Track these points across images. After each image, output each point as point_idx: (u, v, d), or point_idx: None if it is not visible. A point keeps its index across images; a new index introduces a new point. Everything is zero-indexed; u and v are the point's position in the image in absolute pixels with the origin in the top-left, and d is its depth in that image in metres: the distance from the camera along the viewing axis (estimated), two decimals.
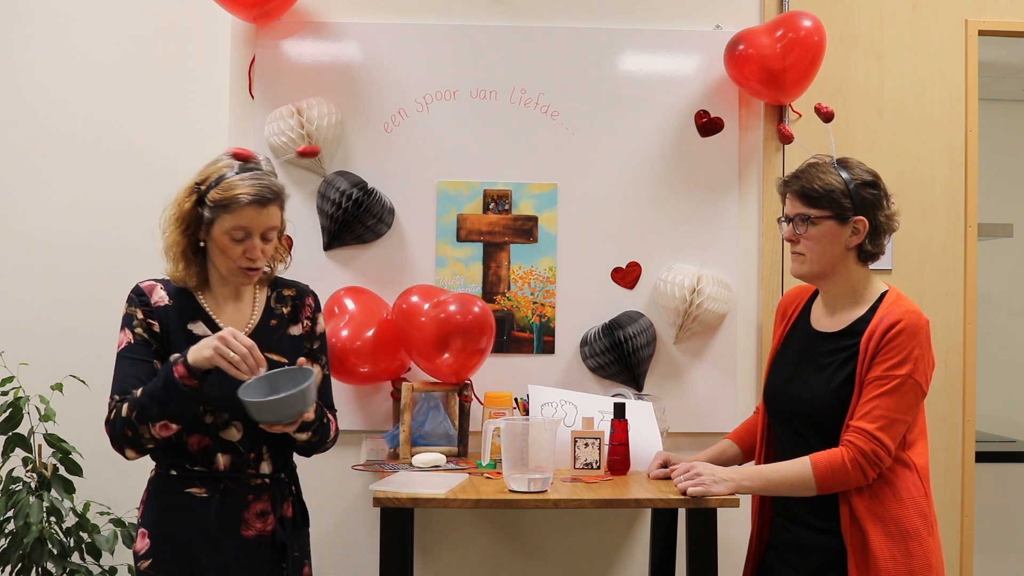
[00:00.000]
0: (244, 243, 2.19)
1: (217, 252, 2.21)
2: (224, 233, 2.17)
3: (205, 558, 2.18)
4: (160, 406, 2.08)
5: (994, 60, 4.16)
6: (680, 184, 3.20)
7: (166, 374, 2.08)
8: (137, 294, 2.24)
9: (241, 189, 2.16)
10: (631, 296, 3.19)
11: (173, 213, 2.21)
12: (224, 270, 2.23)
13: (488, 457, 2.71)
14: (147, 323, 2.20)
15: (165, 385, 2.07)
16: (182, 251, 2.22)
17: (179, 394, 2.07)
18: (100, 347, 3.15)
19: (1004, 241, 4.54)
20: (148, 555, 2.19)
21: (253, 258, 2.20)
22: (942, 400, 3.27)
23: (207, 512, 2.19)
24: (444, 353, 2.87)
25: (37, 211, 3.22)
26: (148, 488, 2.26)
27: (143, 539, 2.20)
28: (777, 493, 2.33)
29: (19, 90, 3.23)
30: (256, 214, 2.18)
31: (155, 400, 2.08)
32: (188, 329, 2.22)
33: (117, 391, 2.15)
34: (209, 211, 2.17)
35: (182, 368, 2.06)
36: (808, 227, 2.30)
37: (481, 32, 3.18)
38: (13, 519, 2.85)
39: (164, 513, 2.20)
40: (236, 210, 2.16)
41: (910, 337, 2.20)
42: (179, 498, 2.20)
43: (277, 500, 2.26)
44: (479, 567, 3.18)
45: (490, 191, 3.17)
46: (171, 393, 2.07)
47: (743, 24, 3.20)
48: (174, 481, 2.21)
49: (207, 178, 2.20)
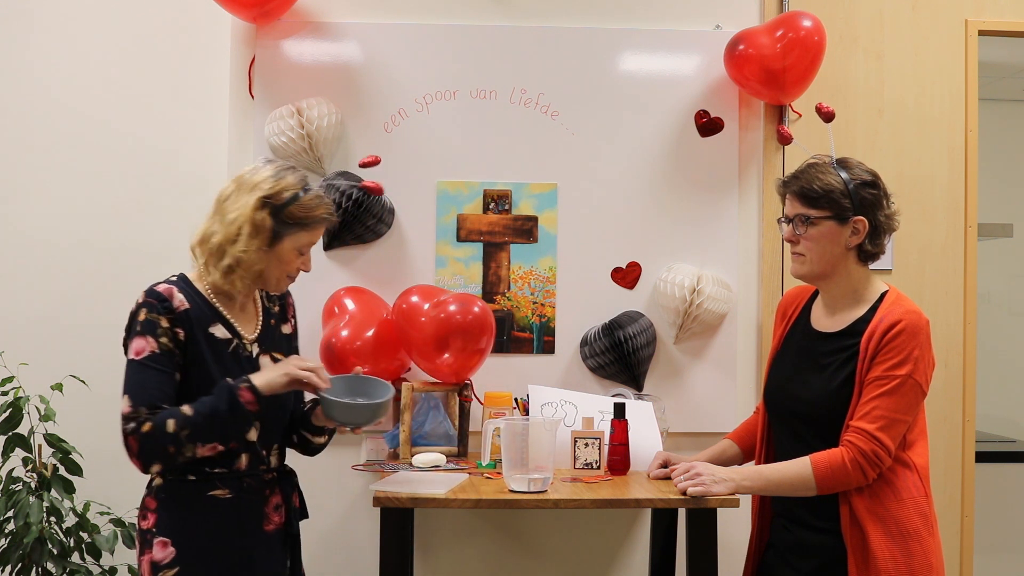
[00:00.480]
0: (304, 256, 2.28)
1: (275, 263, 2.23)
2: (294, 248, 2.24)
3: (234, 558, 2.18)
4: (221, 429, 2.10)
5: (994, 60, 4.16)
6: (680, 184, 3.20)
7: (230, 398, 2.09)
8: (158, 300, 2.16)
9: (322, 209, 2.24)
10: (631, 296, 3.19)
11: (250, 232, 2.17)
12: (274, 279, 2.26)
13: (488, 457, 2.71)
14: (173, 331, 2.15)
15: (230, 409, 2.09)
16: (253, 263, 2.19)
17: (244, 418, 2.11)
18: (100, 347, 3.16)
19: (1004, 241, 4.54)
20: (174, 563, 2.14)
21: (307, 269, 2.30)
22: (942, 400, 3.27)
23: (235, 512, 2.19)
24: (444, 353, 2.87)
25: (37, 211, 3.22)
26: (158, 496, 2.19)
27: (164, 548, 2.15)
28: (777, 493, 2.33)
29: (19, 90, 3.23)
30: (322, 231, 2.30)
31: (216, 422, 2.09)
32: (210, 332, 2.20)
33: (142, 403, 2.09)
34: (283, 226, 2.20)
35: (249, 394, 2.09)
36: (808, 227, 2.30)
37: (481, 32, 3.18)
38: (13, 519, 2.85)
39: (186, 519, 2.17)
40: (314, 227, 2.25)
41: (910, 337, 2.20)
42: (201, 502, 2.17)
43: (287, 491, 2.30)
44: (479, 567, 3.18)
45: (490, 191, 3.17)
46: (236, 417, 2.10)
47: (743, 24, 3.20)
48: (193, 486, 2.17)
49: (278, 193, 2.19)
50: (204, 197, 3.15)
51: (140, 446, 2.07)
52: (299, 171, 2.27)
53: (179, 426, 2.07)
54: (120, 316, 3.19)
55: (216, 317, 2.22)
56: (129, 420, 2.09)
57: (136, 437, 2.07)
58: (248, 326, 2.27)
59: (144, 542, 2.18)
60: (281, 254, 2.22)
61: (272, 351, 2.28)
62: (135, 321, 2.17)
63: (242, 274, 2.19)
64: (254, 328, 2.29)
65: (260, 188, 2.19)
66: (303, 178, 2.25)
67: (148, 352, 2.13)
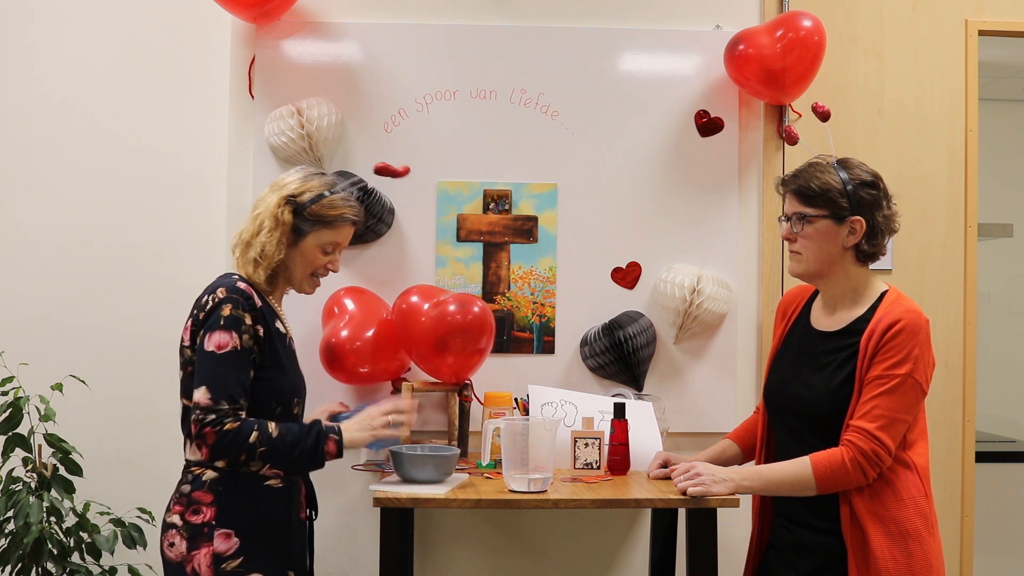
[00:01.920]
0: (331, 256, 2.37)
1: (300, 260, 2.35)
2: (318, 246, 2.35)
3: (288, 544, 2.28)
4: (295, 462, 2.23)
5: (994, 60, 4.16)
6: (680, 184, 3.20)
7: (316, 442, 2.23)
8: (244, 297, 2.23)
9: (345, 209, 2.36)
10: (631, 296, 3.19)
11: (271, 226, 2.30)
12: (299, 277, 2.37)
13: (488, 457, 2.71)
14: (254, 329, 2.23)
15: (313, 451, 2.23)
16: (279, 259, 2.31)
17: (319, 462, 2.25)
18: (100, 347, 3.18)
19: (1004, 241, 4.54)
20: (238, 554, 2.19)
21: (334, 269, 2.41)
22: (942, 400, 3.27)
23: (287, 501, 2.28)
24: (444, 353, 2.87)
25: (37, 211, 3.22)
26: (214, 489, 2.21)
27: (227, 540, 2.19)
28: (777, 493, 2.33)
29: (19, 90, 3.23)
30: (348, 232, 2.40)
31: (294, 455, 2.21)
32: (276, 328, 2.31)
33: (223, 396, 2.16)
34: (307, 224, 2.33)
35: (334, 446, 2.26)
36: (804, 226, 2.30)
37: (481, 32, 3.18)
38: (13, 519, 2.85)
39: (248, 510, 2.22)
40: (338, 227, 2.36)
41: (910, 336, 2.20)
42: (261, 491, 2.24)
43: (309, 483, 2.41)
44: (479, 567, 3.18)
45: (490, 191, 3.17)
46: (313, 459, 2.24)
47: (743, 24, 3.20)
48: (251, 478, 2.23)
49: (303, 192, 2.33)
50: (204, 197, 3.21)
51: (217, 441, 2.15)
52: (329, 176, 2.40)
53: (260, 441, 2.17)
54: (120, 316, 3.23)
55: (274, 314, 2.34)
56: (209, 412, 2.15)
57: (216, 431, 2.14)
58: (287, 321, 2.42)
59: (199, 536, 2.19)
60: (305, 251, 2.34)
61: None
62: (217, 315, 2.20)
63: (266, 265, 2.29)
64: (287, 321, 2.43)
65: (286, 188, 2.34)
66: (331, 182, 2.38)
67: (231, 347, 2.19)
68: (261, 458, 2.17)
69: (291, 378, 2.32)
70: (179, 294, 3.13)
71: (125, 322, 3.20)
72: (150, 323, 3.17)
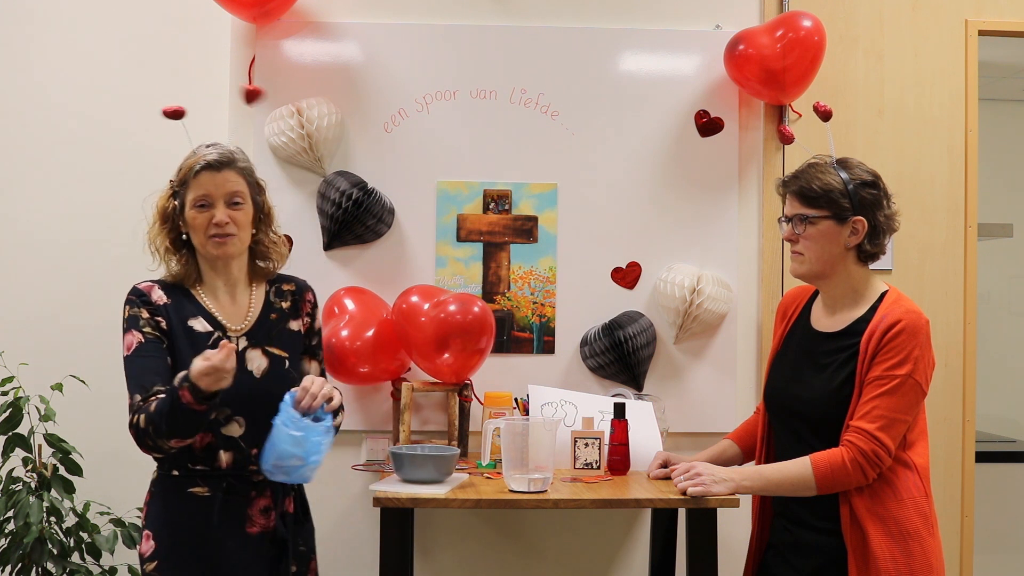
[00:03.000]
0: (208, 210, 2.24)
1: (192, 232, 2.27)
2: (191, 207, 2.25)
3: (211, 556, 2.19)
4: (171, 426, 2.10)
5: (994, 60, 4.16)
6: (680, 184, 3.20)
7: (172, 399, 2.08)
8: (137, 295, 2.25)
9: (193, 159, 2.26)
10: (631, 296, 3.19)
11: (154, 214, 2.30)
12: (201, 249, 2.27)
13: (488, 457, 2.71)
14: (155, 320, 2.22)
15: (171, 410, 2.08)
16: (165, 247, 2.28)
17: (189, 416, 2.08)
18: (100, 347, 3.17)
19: (1004, 241, 4.54)
20: (154, 557, 2.20)
21: (219, 223, 2.23)
22: (942, 400, 3.27)
23: (211, 510, 2.20)
24: (444, 353, 2.87)
25: (37, 211, 3.22)
26: (151, 490, 2.27)
27: (148, 541, 2.22)
28: (777, 493, 2.33)
29: (19, 90, 3.23)
30: (212, 179, 2.24)
31: (164, 419, 2.10)
32: (189, 326, 2.24)
33: (137, 391, 2.16)
34: (177, 196, 2.27)
35: (188, 395, 2.05)
36: (807, 227, 2.30)
37: (481, 32, 3.18)
38: (13, 519, 2.85)
39: (168, 514, 2.22)
40: (193, 181, 2.24)
41: (910, 337, 2.20)
42: (182, 498, 2.21)
43: (279, 496, 2.27)
44: (479, 567, 3.18)
45: (490, 191, 3.17)
46: (178, 415, 2.08)
47: (743, 24, 3.20)
48: (176, 481, 2.22)
49: (178, 170, 2.30)
50: None
51: (135, 437, 2.15)
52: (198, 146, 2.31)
53: (146, 421, 2.12)
54: (120, 316, 3.21)
55: (197, 310, 2.26)
56: (129, 412, 2.16)
57: (132, 429, 2.15)
58: (235, 318, 2.29)
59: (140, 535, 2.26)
60: (189, 220, 2.26)
61: (268, 345, 2.28)
62: (123, 320, 2.25)
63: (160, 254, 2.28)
64: (243, 319, 2.30)
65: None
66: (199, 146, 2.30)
67: (136, 344, 2.20)
68: (155, 434, 2.10)
69: None
70: None
71: None
72: None
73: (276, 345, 2.30)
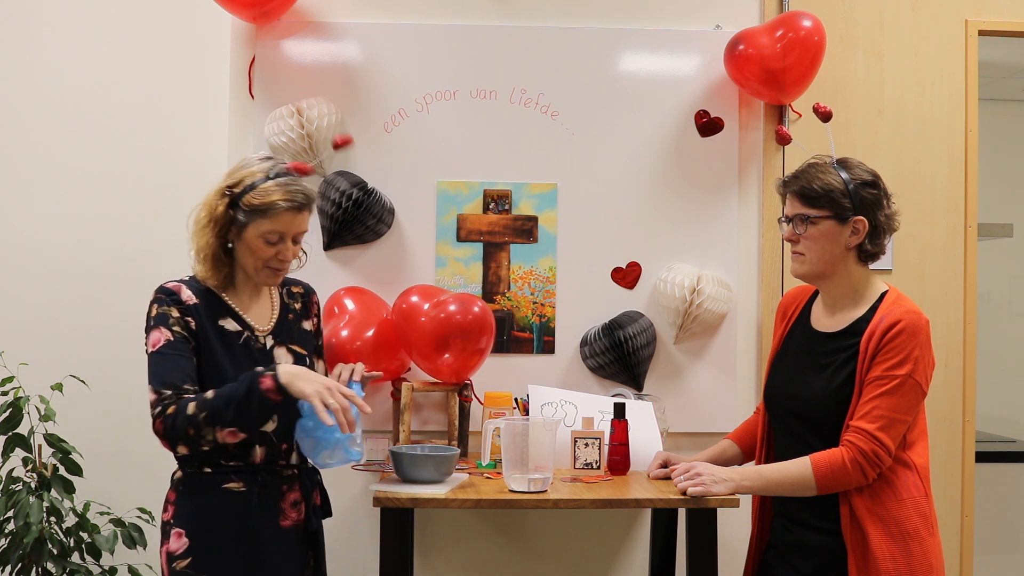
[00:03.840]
0: (277, 246, 2.27)
1: (247, 252, 2.27)
2: (259, 236, 2.24)
3: (247, 551, 2.22)
4: (237, 413, 2.10)
5: (994, 60, 4.16)
6: (680, 184, 3.20)
7: (250, 384, 2.10)
8: (167, 294, 2.24)
9: (278, 196, 2.22)
10: (631, 296, 3.19)
11: (204, 216, 2.25)
12: (251, 269, 2.29)
13: (488, 457, 2.71)
14: (184, 320, 2.22)
15: (247, 393, 2.10)
16: (214, 253, 2.26)
17: (262, 405, 2.11)
18: (100, 347, 3.18)
19: (1004, 241, 4.54)
20: (187, 554, 2.19)
21: (284, 259, 2.29)
22: (942, 400, 3.27)
23: (247, 506, 2.22)
24: (444, 353, 2.87)
25: (37, 211, 3.22)
26: (177, 488, 2.25)
27: (179, 539, 2.20)
28: (777, 493, 2.33)
29: (19, 90, 3.23)
30: (291, 219, 2.25)
31: (232, 406, 2.10)
32: (220, 325, 2.27)
33: (164, 386, 2.14)
34: (244, 215, 2.24)
35: (271, 382, 2.09)
36: (807, 227, 2.30)
37: (481, 32, 3.18)
38: (13, 519, 2.85)
39: (201, 510, 2.22)
40: (273, 215, 2.23)
41: (910, 337, 2.20)
42: (216, 494, 2.22)
43: (308, 489, 2.33)
44: (479, 567, 3.18)
45: (490, 191, 3.17)
46: (252, 402, 2.10)
47: (743, 24, 3.20)
48: (209, 478, 2.22)
49: (239, 182, 2.25)
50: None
51: (164, 427, 2.12)
52: (272, 162, 2.28)
53: (199, 408, 2.11)
54: (120, 316, 3.23)
55: (226, 311, 2.28)
56: (155, 406, 2.13)
57: (162, 419, 2.12)
58: (261, 319, 2.34)
59: (164, 533, 2.23)
60: (249, 243, 2.26)
61: (289, 344, 2.35)
62: (149, 317, 2.23)
63: (203, 259, 2.25)
64: (268, 320, 2.35)
65: (228, 178, 2.27)
66: (270, 168, 2.26)
67: (164, 341, 2.18)
68: (207, 423, 2.09)
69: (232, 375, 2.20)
70: None
71: (125, 322, 3.17)
72: None
73: (297, 343, 2.37)
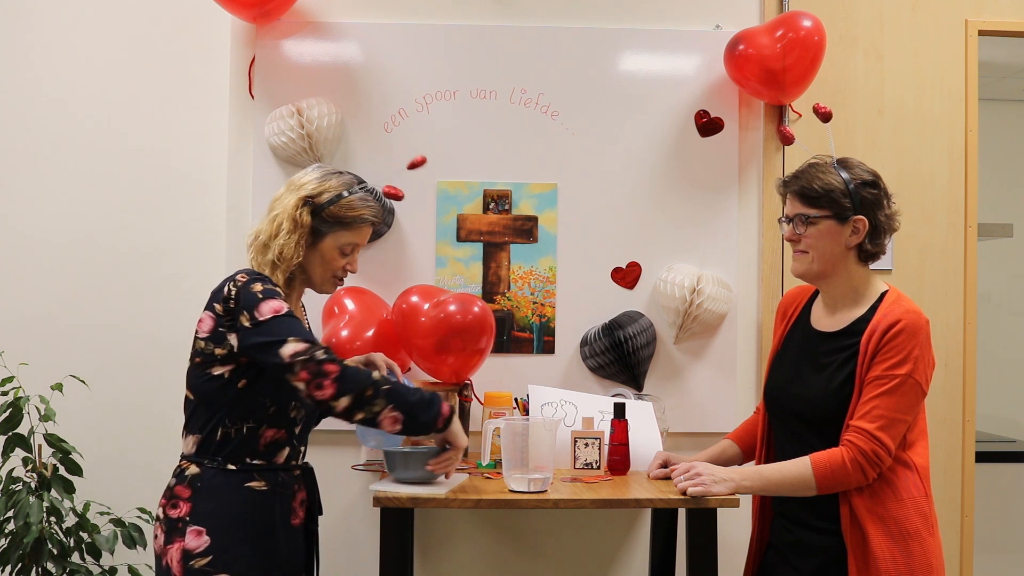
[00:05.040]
0: (348, 257, 2.34)
1: (319, 262, 2.32)
2: (336, 247, 2.31)
3: (266, 548, 2.23)
4: (415, 405, 2.17)
5: (994, 60, 4.16)
6: (680, 184, 3.20)
7: (433, 396, 2.22)
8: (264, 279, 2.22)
9: (364, 210, 2.32)
10: (631, 296, 3.19)
11: (289, 225, 2.26)
12: (319, 279, 2.34)
13: (488, 457, 2.71)
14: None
15: (430, 400, 2.21)
16: (297, 262, 2.28)
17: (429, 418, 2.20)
18: (100, 347, 3.18)
19: (1004, 241, 4.54)
20: (208, 551, 2.18)
21: (352, 270, 2.37)
22: (942, 400, 3.27)
23: (270, 504, 2.24)
24: (444, 353, 2.87)
25: (37, 211, 3.22)
26: (193, 485, 2.22)
27: (199, 537, 2.18)
28: (777, 493, 2.33)
29: (19, 90, 3.23)
30: (367, 233, 2.37)
31: (416, 397, 2.18)
32: None
33: (314, 342, 2.11)
34: (325, 225, 2.29)
35: (448, 411, 2.24)
36: (808, 227, 2.30)
37: (481, 32, 3.18)
38: (13, 519, 2.85)
39: (223, 508, 2.21)
40: (356, 228, 2.32)
41: (910, 337, 2.20)
42: (239, 492, 2.21)
43: (311, 487, 2.37)
44: (479, 567, 3.18)
45: (490, 191, 3.17)
46: (430, 410, 2.20)
47: (743, 24, 3.20)
48: (231, 476, 2.21)
49: (321, 193, 2.29)
50: (204, 197, 3.21)
51: (343, 371, 2.10)
52: (347, 176, 2.36)
53: (383, 379, 2.15)
54: (120, 316, 3.23)
55: None
56: (314, 350, 2.10)
57: (338, 364, 2.11)
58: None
59: (173, 531, 2.19)
60: (324, 252, 2.31)
61: None
62: (251, 292, 2.17)
63: (284, 268, 2.27)
64: (305, 324, 2.40)
65: (304, 188, 2.30)
66: (349, 182, 2.34)
67: (286, 309, 2.17)
68: (386, 396, 2.12)
69: None
70: (179, 294, 3.16)
71: (125, 322, 3.20)
72: (150, 323, 3.17)
73: None
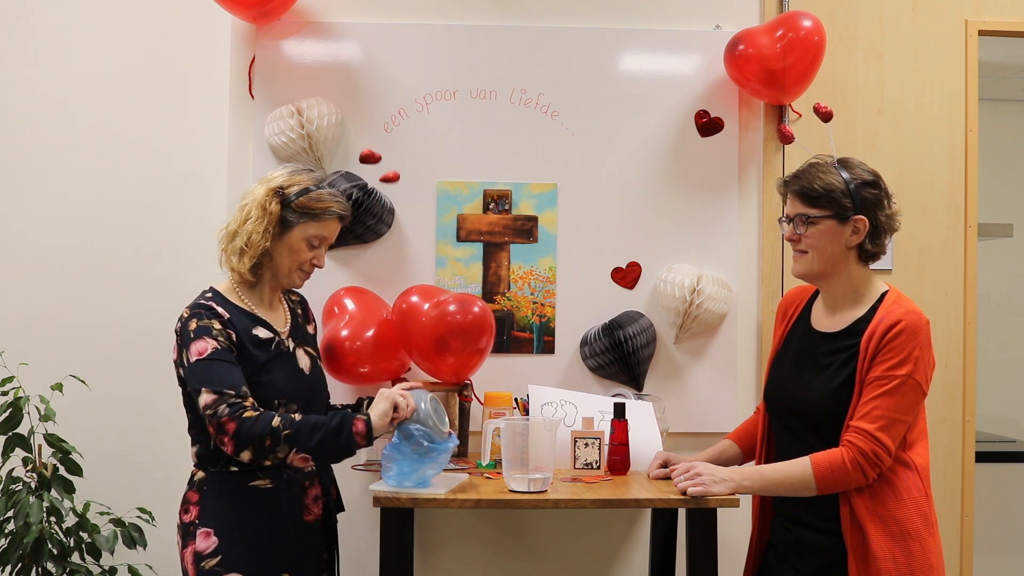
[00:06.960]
0: (316, 250, 2.38)
1: (286, 253, 2.36)
2: (304, 239, 2.36)
3: (275, 547, 2.26)
4: (321, 442, 2.17)
5: (994, 60, 4.16)
6: (680, 184, 3.20)
7: (342, 420, 2.20)
8: (205, 309, 2.27)
9: (332, 204, 2.37)
10: (631, 296, 3.19)
11: (257, 213, 2.31)
12: (284, 271, 2.37)
13: (488, 457, 2.71)
14: (226, 332, 2.26)
15: (338, 428, 2.18)
16: (263, 250, 2.32)
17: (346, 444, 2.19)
18: (100, 347, 3.18)
19: (1004, 241, 4.54)
20: (217, 552, 2.22)
21: (318, 264, 2.41)
22: (942, 400, 3.27)
23: (277, 502, 2.27)
24: (444, 353, 2.87)
25: (37, 211, 3.22)
26: (200, 489, 2.27)
27: (208, 538, 2.23)
28: (777, 493, 2.33)
29: (19, 90, 3.23)
30: (335, 227, 2.41)
31: (319, 434, 2.17)
32: (255, 335, 2.32)
33: (225, 387, 2.15)
34: (294, 216, 2.34)
35: (363, 426, 2.20)
36: (808, 227, 2.30)
37: (481, 32, 3.18)
38: (13, 519, 2.85)
39: (229, 509, 2.24)
40: (324, 221, 2.37)
41: (910, 337, 2.20)
42: (244, 492, 2.25)
43: (326, 484, 2.41)
44: (479, 567, 3.18)
45: (490, 191, 3.17)
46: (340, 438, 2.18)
47: (743, 24, 3.20)
48: (236, 476, 2.25)
49: (291, 185, 2.35)
50: (204, 197, 3.21)
51: (239, 428, 2.13)
52: (317, 173, 2.42)
53: (284, 425, 2.15)
54: (120, 316, 3.23)
55: (254, 320, 2.34)
56: (220, 404, 2.14)
57: (236, 420, 2.13)
58: (279, 322, 2.41)
59: (187, 535, 2.25)
60: (291, 244, 2.35)
61: (304, 346, 2.43)
62: (187, 331, 2.24)
63: (252, 254, 2.30)
64: (284, 323, 2.42)
65: (274, 181, 2.36)
66: (319, 178, 2.39)
67: (212, 349, 2.21)
68: (287, 441, 2.14)
69: (274, 379, 2.29)
70: (179, 294, 3.12)
71: (125, 322, 3.20)
72: (150, 323, 3.17)
73: (309, 346, 2.46)
